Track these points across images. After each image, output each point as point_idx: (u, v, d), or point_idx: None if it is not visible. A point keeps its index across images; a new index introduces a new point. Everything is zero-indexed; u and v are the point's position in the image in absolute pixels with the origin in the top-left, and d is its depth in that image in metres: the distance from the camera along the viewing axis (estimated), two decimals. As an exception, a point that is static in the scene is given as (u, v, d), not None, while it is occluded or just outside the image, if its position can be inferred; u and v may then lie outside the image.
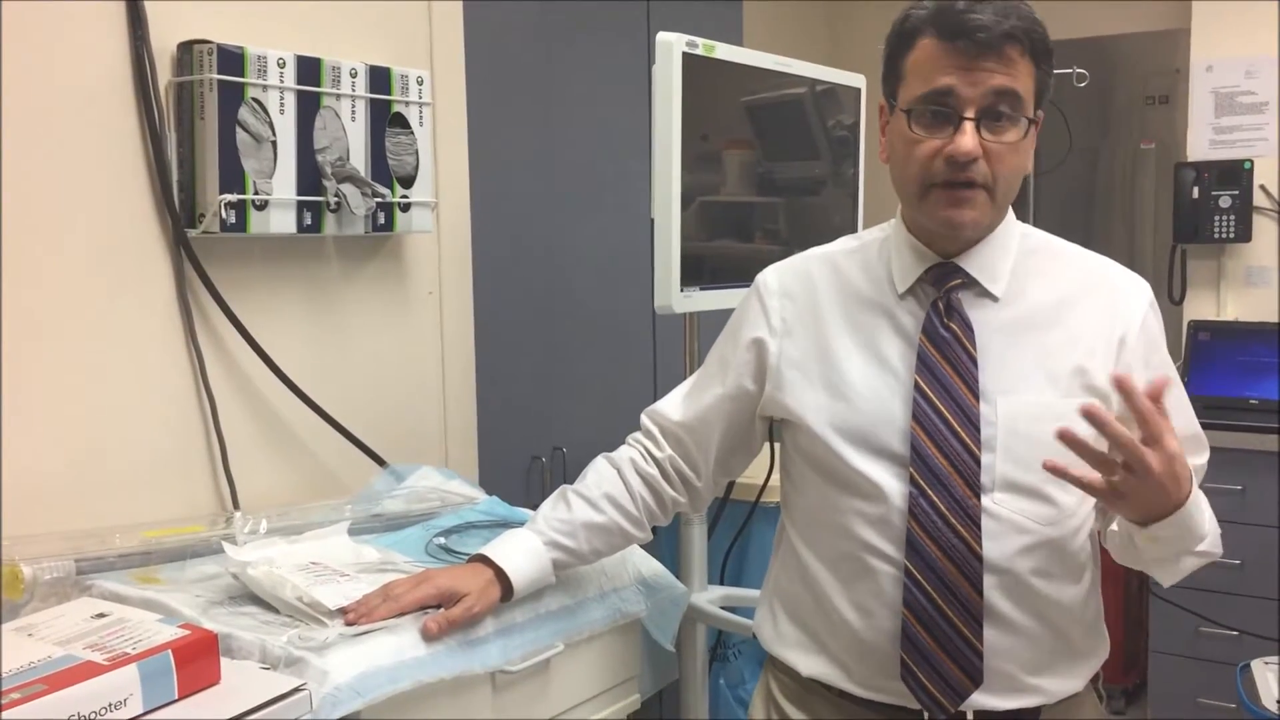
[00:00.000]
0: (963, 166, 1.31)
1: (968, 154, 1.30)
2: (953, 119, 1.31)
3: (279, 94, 1.82)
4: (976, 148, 1.30)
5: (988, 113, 1.30)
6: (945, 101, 1.31)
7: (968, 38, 1.29)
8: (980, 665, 1.35)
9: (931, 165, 1.33)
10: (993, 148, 1.31)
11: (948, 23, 1.30)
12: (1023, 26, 1.30)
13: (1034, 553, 1.34)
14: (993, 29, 1.28)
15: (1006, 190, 1.35)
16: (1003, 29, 1.28)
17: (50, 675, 1.13)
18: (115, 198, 1.72)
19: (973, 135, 1.30)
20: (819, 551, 1.45)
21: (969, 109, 1.30)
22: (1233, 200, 3.33)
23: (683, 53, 1.98)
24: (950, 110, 1.31)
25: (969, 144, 1.30)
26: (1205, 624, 3.06)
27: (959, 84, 1.30)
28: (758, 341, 1.49)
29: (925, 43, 1.33)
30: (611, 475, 1.58)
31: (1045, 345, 1.38)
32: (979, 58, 1.29)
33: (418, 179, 2.07)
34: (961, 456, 1.34)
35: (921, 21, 1.33)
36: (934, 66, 1.31)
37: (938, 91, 1.31)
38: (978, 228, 1.37)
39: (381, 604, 1.42)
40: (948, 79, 1.30)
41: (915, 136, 1.33)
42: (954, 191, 1.33)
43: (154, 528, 1.66)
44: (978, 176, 1.32)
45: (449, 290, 2.27)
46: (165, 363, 1.80)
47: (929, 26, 1.32)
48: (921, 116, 1.33)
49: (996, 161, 1.32)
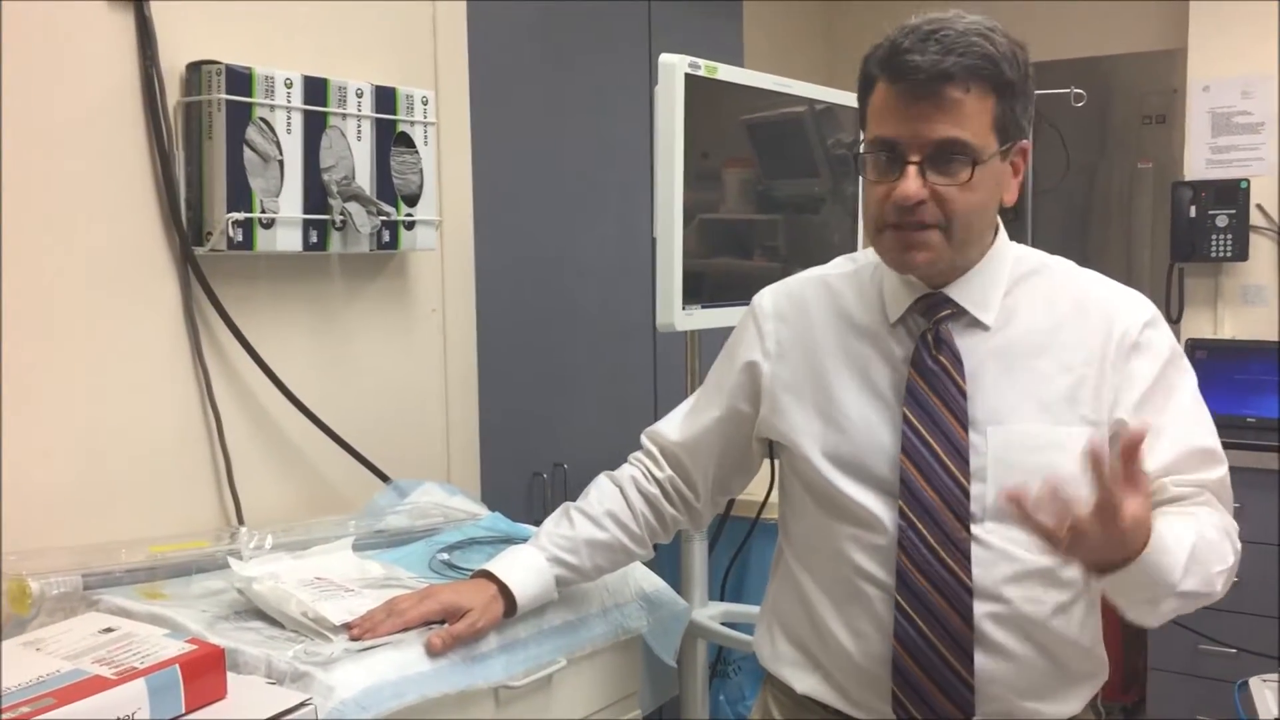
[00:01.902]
0: (909, 210, 1.30)
1: (907, 199, 1.30)
2: (897, 164, 1.31)
3: (286, 114, 1.84)
4: (919, 192, 1.29)
5: (933, 158, 1.29)
6: (891, 147, 1.31)
7: (904, 81, 1.29)
8: (971, 698, 1.34)
9: (882, 209, 1.33)
10: (941, 190, 1.30)
11: (890, 65, 1.30)
12: (965, 63, 1.27)
13: (1026, 580, 1.34)
14: (929, 71, 1.26)
15: (966, 226, 1.33)
16: (940, 69, 1.26)
17: (59, 689, 1.13)
18: (123, 215, 1.74)
19: (915, 180, 1.29)
20: (814, 573, 1.46)
21: (912, 154, 1.30)
22: (1230, 219, 3.35)
23: (685, 74, 2.00)
24: (895, 155, 1.31)
25: (909, 189, 1.29)
26: (1204, 641, 3.06)
27: (900, 131, 1.30)
28: (752, 365, 1.50)
29: (879, 86, 1.32)
30: (614, 493, 1.59)
31: (1037, 372, 1.37)
32: (918, 102, 1.28)
33: (422, 197, 2.08)
34: (950, 488, 1.34)
35: (874, 64, 1.33)
36: (882, 111, 1.32)
37: (881, 139, 1.32)
38: (933, 267, 1.36)
39: (386, 619, 1.43)
40: (889, 126, 1.31)
41: (868, 181, 1.34)
42: (904, 234, 1.33)
43: (160, 543, 1.67)
44: (928, 218, 1.31)
45: (452, 307, 2.29)
46: (171, 379, 1.81)
47: (878, 69, 1.32)
48: (868, 162, 1.34)
49: (948, 202, 1.30)
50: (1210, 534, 1.31)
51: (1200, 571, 1.26)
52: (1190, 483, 1.37)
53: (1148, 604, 1.26)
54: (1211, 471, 1.39)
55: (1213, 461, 1.39)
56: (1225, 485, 1.40)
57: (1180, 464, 1.37)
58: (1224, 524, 1.36)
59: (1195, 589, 1.26)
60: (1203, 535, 1.29)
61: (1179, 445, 1.37)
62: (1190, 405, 1.40)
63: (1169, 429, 1.36)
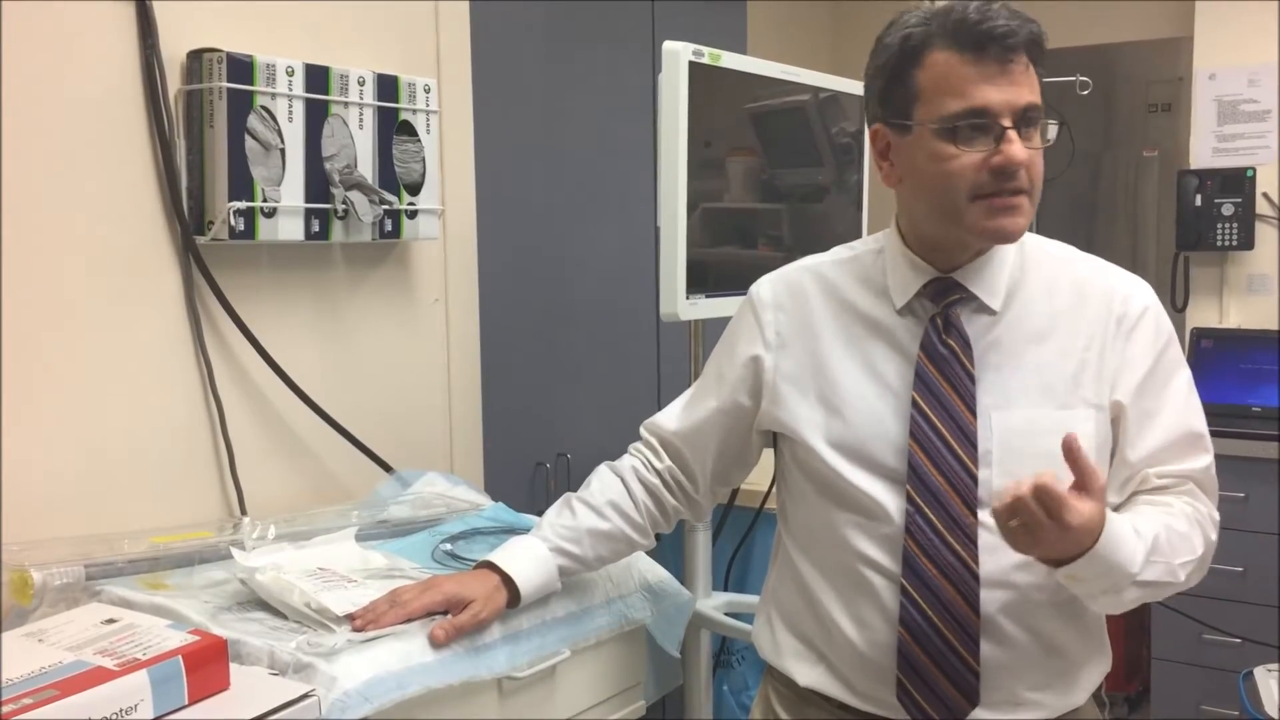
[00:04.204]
0: (1012, 175, 1.30)
1: (1017, 164, 1.29)
2: (992, 129, 1.29)
3: (287, 102, 1.83)
4: (1028, 155, 1.30)
5: (1019, 123, 1.30)
6: (981, 114, 1.29)
7: (995, 46, 1.28)
8: (977, 685, 1.34)
9: (978, 178, 1.30)
10: (1029, 154, 1.31)
11: (968, 35, 1.28)
12: (1034, 31, 1.30)
13: (1032, 567, 1.33)
14: (1015, 38, 1.28)
15: (1037, 195, 1.34)
16: (1024, 35, 1.28)
17: (62, 680, 1.13)
18: (124, 205, 1.73)
19: (1020, 143, 1.29)
20: (816, 563, 1.45)
21: (1006, 119, 1.29)
22: (1235, 208, 3.34)
23: (689, 62, 1.99)
24: (989, 122, 1.29)
25: (1021, 153, 1.29)
26: (1208, 631, 3.05)
27: (991, 99, 1.28)
28: (754, 358, 1.49)
29: (941, 56, 1.30)
30: (615, 483, 1.59)
31: (1042, 357, 1.37)
32: (1006, 69, 1.29)
33: (424, 186, 2.08)
34: (958, 474, 1.34)
35: (930, 35, 1.30)
36: (962, 80, 1.29)
37: (976, 107, 1.29)
38: (1021, 234, 1.36)
39: (389, 610, 1.43)
40: (984, 93, 1.28)
41: (953, 153, 1.30)
42: (1005, 200, 1.31)
43: (162, 533, 1.67)
44: (1024, 184, 1.31)
45: (455, 297, 2.28)
46: (173, 369, 1.80)
47: (941, 39, 1.30)
48: (960, 132, 1.30)
49: (1033, 167, 1.32)
50: (1180, 525, 1.34)
51: (1162, 562, 1.30)
52: (1175, 473, 1.39)
53: (1109, 594, 1.30)
54: (1198, 460, 1.41)
55: (1200, 449, 1.41)
56: (1211, 475, 1.43)
57: (1170, 450, 1.39)
58: (1199, 514, 1.38)
59: (1157, 578, 1.29)
60: (1170, 527, 1.32)
61: (1172, 430, 1.39)
62: (1185, 390, 1.42)
63: (1164, 412, 1.39)
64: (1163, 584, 1.31)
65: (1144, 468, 1.38)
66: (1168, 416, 1.39)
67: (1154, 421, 1.38)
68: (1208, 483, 1.41)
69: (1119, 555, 1.24)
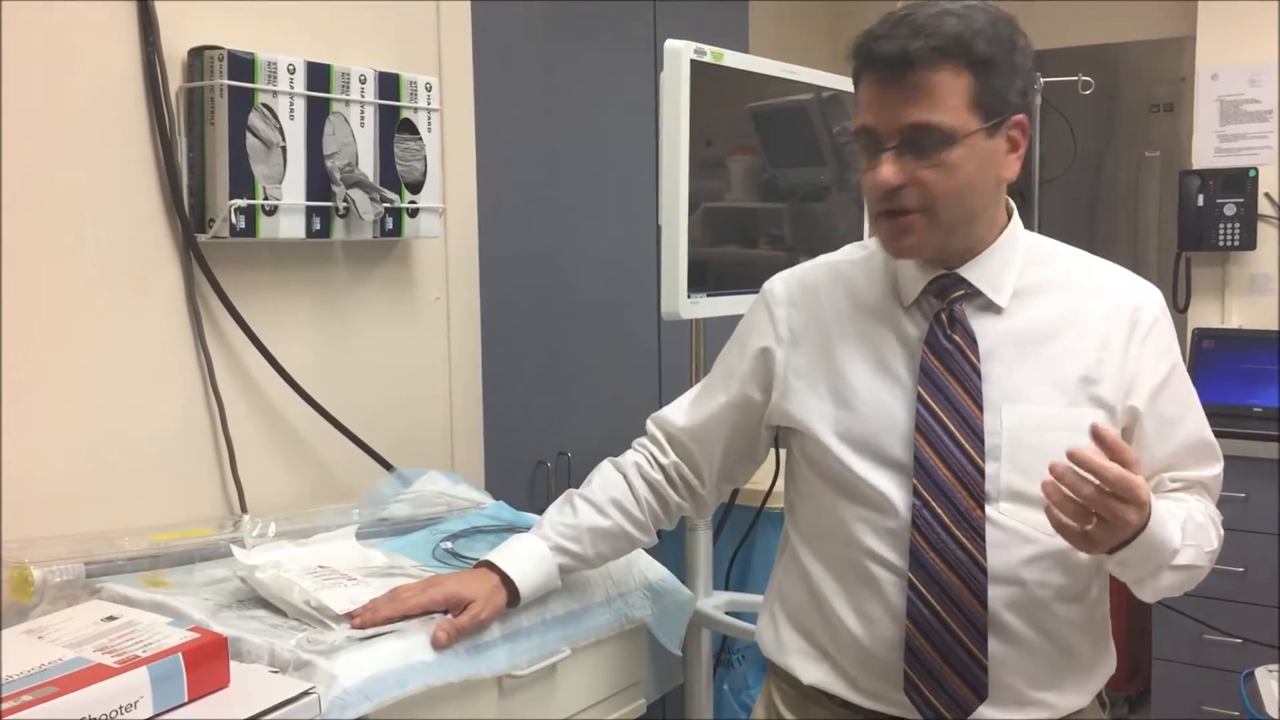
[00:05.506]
0: (889, 197, 1.31)
1: (879, 187, 1.30)
2: (878, 149, 1.31)
3: (289, 100, 1.83)
4: (893, 178, 1.30)
5: (907, 142, 1.29)
6: (869, 135, 1.32)
7: (874, 69, 1.30)
8: (985, 679, 1.34)
9: (872, 196, 1.34)
10: (920, 174, 1.30)
11: (863, 53, 1.31)
12: (930, 45, 1.26)
13: (1040, 563, 1.34)
14: (892, 56, 1.27)
15: (952, 207, 1.32)
16: (903, 53, 1.26)
17: (61, 677, 1.13)
18: (125, 202, 1.73)
19: (888, 166, 1.29)
20: (823, 558, 1.45)
21: (886, 140, 1.30)
22: (1237, 208, 3.34)
23: (690, 60, 1.99)
24: (873, 143, 1.31)
25: (883, 175, 1.30)
26: (1209, 631, 3.06)
27: (874, 119, 1.31)
28: (765, 351, 1.50)
29: (862, 75, 1.34)
30: (617, 480, 1.58)
31: (1050, 354, 1.38)
32: (887, 88, 1.29)
33: (425, 185, 2.07)
34: (965, 467, 1.34)
35: (851, 53, 1.34)
36: (863, 97, 1.33)
37: (861, 127, 1.32)
38: (920, 252, 1.37)
39: (388, 608, 1.42)
40: (867, 114, 1.32)
41: (865, 170, 1.34)
42: (890, 220, 1.34)
43: (162, 531, 1.67)
44: (909, 203, 1.31)
45: (456, 295, 2.28)
46: (174, 366, 1.80)
47: (854, 58, 1.33)
48: (858, 151, 1.34)
49: (927, 185, 1.30)
50: (1198, 517, 1.37)
51: (1193, 546, 1.32)
52: (1188, 480, 1.42)
53: (1150, 577, 1.31)
54: (1211, 468, 1.44)
55: (1213, 457, 1.45)
56: (1219, 482, 1.46)
57: (1188, 456, 1.42)
58: (1211, 513, 1.42)
59: (1191, 562, 1.32)
60: (1191, 517, 1.35)
61: (1192, 436, 1.42)
62: (1196, 399, 1.45)
63: (1186, 419, 1.42)
64: (1194, 569, 1.33)
65: (1161, 473, 1.40)
66: (1188, 424, 1.41)
67: (1174, 429, 1.40)
68: (1216, 490, 1.44)
69: (1166, 532, 1.26)
